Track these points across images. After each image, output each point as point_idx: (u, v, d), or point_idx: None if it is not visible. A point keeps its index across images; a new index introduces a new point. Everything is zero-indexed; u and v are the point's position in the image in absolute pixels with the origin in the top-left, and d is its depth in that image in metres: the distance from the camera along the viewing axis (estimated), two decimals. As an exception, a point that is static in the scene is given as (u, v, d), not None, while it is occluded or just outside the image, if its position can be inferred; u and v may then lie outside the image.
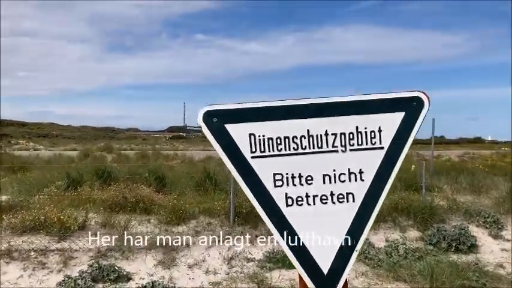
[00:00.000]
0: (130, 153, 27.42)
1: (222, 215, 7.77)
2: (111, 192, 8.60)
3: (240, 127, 1.43)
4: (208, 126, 1.44)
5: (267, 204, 1.48)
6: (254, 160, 1.43)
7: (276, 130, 1.42)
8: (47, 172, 14.48)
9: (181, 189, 10.75)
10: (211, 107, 1.44)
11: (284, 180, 1.43)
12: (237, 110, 1.44)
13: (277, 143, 1.42)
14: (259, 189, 1.46)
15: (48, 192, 9.11)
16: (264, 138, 1.42)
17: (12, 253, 5.94)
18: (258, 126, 1.42)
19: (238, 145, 1.43)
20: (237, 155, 1.43)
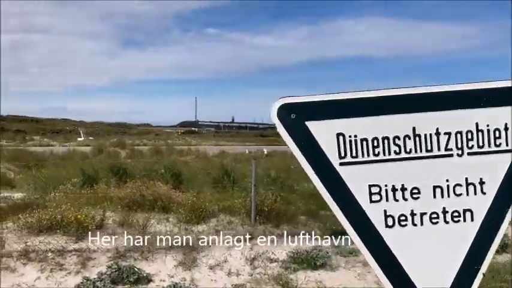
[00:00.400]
0: (144, 149, 27.31)
1: (243, 213, 7.50)
2: (127, 189, 8.38)
3: (325, 125, 1.11)
4: (284, 123, 1.13)
5: (360, 224, 1.16)
6: (343, 168, 1.12)
7: (371, 129, 1.11)
8: (62, 168, 14.38)
9: (198, 186, 10.51)
10: (287, 100, 1.13)
11: (382, 194, 1.12)
12: (322, 103, 1.12)
13: (374, 146, 1.11)
14: (350, 205, 1.14)
15: (64, 190, 8.93)
16: (356, 140, 1.11)
17: (29, 254, 5.74)
18: (349, 123, 1.11)
19: (322, 148, 1.12)
20: (321, 160, 1.12)
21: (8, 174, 14.86)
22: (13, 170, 15.68)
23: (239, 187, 10.43)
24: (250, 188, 10.12)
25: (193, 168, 15.43)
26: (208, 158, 22.34)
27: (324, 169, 1.13)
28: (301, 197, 9.30)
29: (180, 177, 10.67)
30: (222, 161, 20.34)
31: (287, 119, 1.12)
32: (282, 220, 7.43)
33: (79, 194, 8.49)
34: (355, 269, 6.40)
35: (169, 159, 20.57)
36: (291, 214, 7.65)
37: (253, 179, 7.34)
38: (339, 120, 1.11)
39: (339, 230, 7.46)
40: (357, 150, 1.11)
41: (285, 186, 10.40)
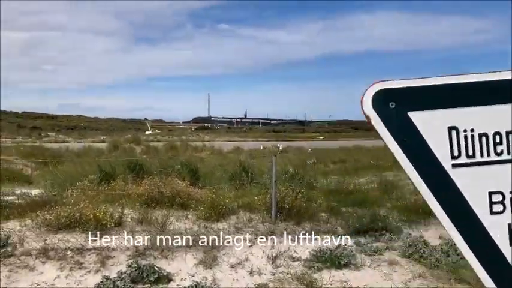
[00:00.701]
0: (158, 145, 27.30)
1: (263, 210, 7.32)
2: (145, 186, 8.26)
3: (433, 116, 0.88)
4: (380, 114, 0.91)
5: (477, 240, 0.92)
6: (456, 170, 0.89)
7: (493, 121, 0.87)
8: (78, 165, 14.37)
9: (215, 182, 10.37)
10: (384, 85, 0.89)
11: (507, 204, 0.88)
12: (430, 88, 0.88)
13: (496, 142, 0.87)
14: (464, 216, 0.91)
15: (81, 187, 8.85)
16: (473, 135, 0.88)
17: (48, 252, 5.64)
18: (464, 114, 0.88)
19: (429, 145, 0.90)
20: (428, 160, 0.90)
21: (24, 171, 14.94)
22: (30, 166, 15.76)
23: (257, 183, 10.26)
24: (268, 185, 9.95)
25: (209, 164, 15.30)
26: (223, 154, 22.24)
27: (432, 172, 0.90)
28: (321, 193, 9.10)
29: (197, 174, 10.54)
30: (238, 157, 20.22)
31: (384, 109, 0.91)
32: (303, 217, 7.24)
33: (96, 191, 8.39)
34: (381, 268, 6.18)
35: (184, 155, 20.52)
36: (312, 211, 7.45)
37: (273, 176, 7.15)
38: (452, 110, 0.89)
39: (362, 228, 7.26)
40: (474, 148, 0.89)
41: (303, 182, 10.20)
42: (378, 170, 13.56)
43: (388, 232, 7.26)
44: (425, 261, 6.36)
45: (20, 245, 5.72)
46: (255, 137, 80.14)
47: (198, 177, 10.44)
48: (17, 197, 9.75)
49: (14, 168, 14.34)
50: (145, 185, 8.61)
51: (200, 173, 10.75)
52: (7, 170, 13.36)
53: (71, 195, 8.99)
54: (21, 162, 15.32)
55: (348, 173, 13.25)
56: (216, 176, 11.28)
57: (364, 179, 11.97)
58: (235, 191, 9.58)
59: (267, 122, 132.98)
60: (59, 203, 7.62)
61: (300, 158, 18.11)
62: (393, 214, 8.07)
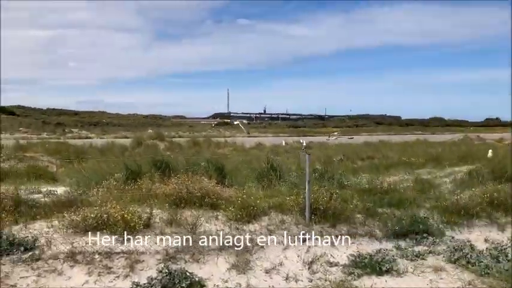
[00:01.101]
0: (181, 141, 27.22)
1: (296, 211, 6.96)
2: (172, 185, 8.00)
3: None
4: None
5: None
6: None
7: None
8: (103, 162, 14.28)
9: (242, 180, 10.05)
10: None
11: None
12: None
13: None
14: None
15: (107, 186, 8.66)
16: None
17: (76, 256, 5.43)
18: None
19: None
20: None
21: (50, 168, 14.93)
22: (55, 163, 15.77)
23: (285, 182, 9.91)
24: (297, 183, 9.59)
25: (234, 161, 15.01)
26: (246, 150, 21.96)
27: None
28: (355, 193, 8.69)
29: (223, 172, 10.24)
30: (262, 154, 19.88)
31: None
32: (339, 219, 6.86)
33: (123, 190, 8.18)
34: (425, 274, 5.77)
35: (207, 152, 20.33)
36: (347, 213, 7.05)
37: (307, 175, 6.78)
38: None
39: (401, 231, 6.83)
40: None
41: (333, 180, 9.80)
42: (410, 167, 13.02)
43: (429, 235, 6.83)
44: (474, 267, 5.92)
45: (47, 248, 5.52)
46: (275, 132, 79.84)
47: (224, 175, 10.14)
48: (43, 195, 9.65)
49: (39, 165, 14.35)
50: (172, 183, 8.37)
51: (226, 170, 10.43)
52: (33, 167, 13.35)
53: (97, 194, 8.84)
54: (47, 159, 15.34)
55: (378, 170, 12.75)
56: (243, 174, 10.96)
57: (397, 177, 11.47)
58: (264, 190, 9.24)
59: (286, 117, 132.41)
60: (85, 203, 7.44)
61: (325, 154, 17.66)
62: (433, 215, 7.61)
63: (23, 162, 14.65)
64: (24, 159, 14.78)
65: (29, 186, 10.87)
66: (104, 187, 8.78)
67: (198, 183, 7.95)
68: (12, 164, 14.28)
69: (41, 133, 49.81)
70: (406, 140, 33.78)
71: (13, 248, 5.26)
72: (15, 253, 5.26)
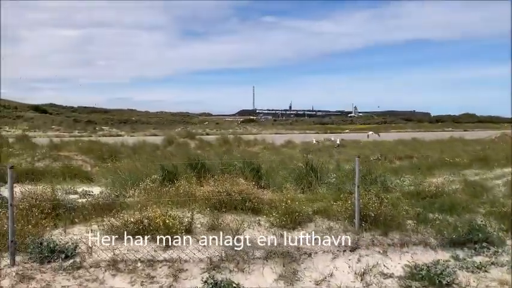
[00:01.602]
0: (210, 138, 27.07)
1: (345, 218, 6.55)
2: (210, 187, 7.73)
3: None
4: None
5: None
6: None
7: None
8: (137, 161, 14.20)
9: (279, 182, 9.70)
10: None
11: None
12: None
13: None
14: None
15: (144, 187, 8.47)
16: None
17: (118, 264, 5.20)
18: None
19: None
20: None
21: (84, 167, 14.97)
22: (89, 162, 15.82)
23: (325, 184, 9.51)
24: (339, 185, 9.18)
25: (267, 160, 14.64)
26: (276, 148, 21.57)
27: None
28: (402, 196, 8.21)
29: (259, 172, 9.91)
30: (295, 152, 19.48)
31: None
32: (390, 226, 6.41)
33: (160, 192, 7.96)
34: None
35: (238, 150, 20.06)
36: (398, 219, 6.60)
37: (356, 179, 6.36)
38: None
39: (458, 239, 6.33)
40: None
41: (376, 182, 9.32)
42: (455, 167, 12.36)
43: (489, 244, 6.31)
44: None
45: (88, 255, 5.31)
46: (302, 129, 79.10)
47: (260, 176, 9.81)
48: (79, 195, 9.58)
49: (74, 164, 14.39)
50: (210, 185, 8.12)
51: (262, 171, 10.09)
52: (68, 167, 13.38)
53: (134, 195, 8.67)
54: (81, 158, 15.39)
55: (420, 171, 12.15)
56: (278, 175, 10.60)
57: (442, 179, 10.87)
58: (303, 192, 8.87)
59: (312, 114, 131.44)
60: (124, 206, 7.26)
61: (362, 153, 17.08)
62: (490, 222, 7.05)
63: (58, 162, 14.73)
64: (58, 158, 14.86)
65: (65, 186, 10.86)
66: (140, 189, 8.61)
67: (237, 185, 7.65)
68: (47, 163, 14.36)
69: (72, 131, 50.82)
70: (441, 138, 32.65)
71: (54, 256, 5.08)
72: (56, 261, 5.07)
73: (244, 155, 17.52)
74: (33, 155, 14.84)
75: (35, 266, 5.03)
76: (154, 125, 69.90)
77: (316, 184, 9.12)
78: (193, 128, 58.80)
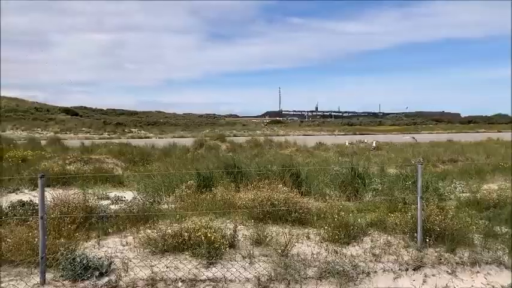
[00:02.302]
0: (239, 140, 26.58)
1: (405, 232, 5.85)
2: (250, 193, 7.17)
3: None
4: None
5: None
6: None
7: None
8: (169, 164, 13.82)
9: (320, 188, 9.06)
10: None
11: None
12: None
13: None
14: None
15: (179, 194, 8.01)
16: None
17: (157, 283, 4.68)
18: None
19: None
20: None
21: (115, 170, 14.69)
22: (120, 165, 15.54)
23: (372, 191, 8.81)
24: (385, 193, 8.47)
25: (302, 164, 13.99)
26: (310, 151, 20.85)
27: None
28: (459, 205, 7.44)
29: (299, 178, 9.29)
30: (330, 155, 18.71)
31: None
32: (459, 243, 5.68)
33: (197, 200, 7.46)
34: None
35: (270, 153, 19.46)
36: (464, 233, 5.85)
37: (419, 189, 5.65)
38: None
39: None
40: None
41: (428, 190, 8.54)
42: (506, 172, 11.39)
43: None
44: None
45: (124, 273, 4.82)
46: (330, 130, 77.85)
47: (300, 182, 9.19)
48: (111, 201, 9.20)
49: (105, 167, 14.11)
50: (250, 192, 7.58)
51: (302, 176, 9.46)
52: (99, 170, 13.10)
53: (168, 202, 8.21)
54: (112, 161, 15.12)
55: (469, 176, 11.25)
56: (318, 180, 9.94)
57: (496, 185, 9.98)
58: (349, 200, 8.20)
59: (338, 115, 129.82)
60: (159, 214, 6.79)
61: (401, 157, 16.21)
62: None
63: (89, 165, 14.49)
64: (89, 161, 14.62)
65: (97, 191, 10.54)
66: (176, 195, 8.15)
67: (279, 192, 7.06)
68: (78, 166, 14.13)
69: (102, 133, 51.41)
70: (478, 139, 31.17)
71: (87, 273, 4.61)
72: (90, 279, 4.59)
73: (276, 157, 16.94)
74: (65, 158, 14.65)
75: (67, 284, 4.57)
76: (182, 127, 70.14)
77: (363, 191, 8.43)
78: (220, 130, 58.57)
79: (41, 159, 15.19)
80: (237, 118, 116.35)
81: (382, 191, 8.44)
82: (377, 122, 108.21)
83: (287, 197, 6.62)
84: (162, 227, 5.80)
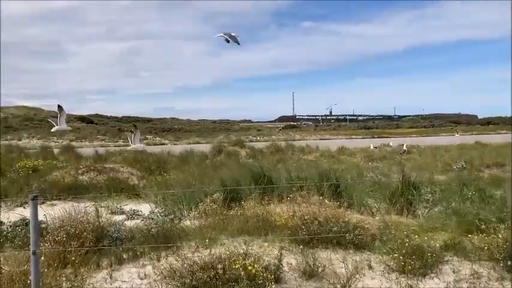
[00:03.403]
0: (258, 145, 25.45)
1: (497, 259, 4.63)
2: (290, 209, 6.03)
3: None
4: None
5: None
6: None
7: None
8: (187, 173, 12.77)
9: (365, 200, 7.86)
10: None
11: None
12: None
13: None
14: None
15: (204, 209, 6.91)
16: None
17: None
18: None
19: None
20: None
21: (130, 180, 13.67)
22: (135, 174, 14.53)
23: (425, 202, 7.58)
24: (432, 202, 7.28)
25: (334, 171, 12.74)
26: (335, 156, 19.61)
27: None
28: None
29: (338, 188, 8.10)
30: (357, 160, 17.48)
31: None
32: None
33: (225, 216, 6.35)
34: None
35: (293, 159, 18.30)
36: None
37: (510, 205, 4.45)
38: None
39: None
40: None
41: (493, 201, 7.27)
42: None
43: None
44: None
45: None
46: (347, 134, 76.27)
47: (340, 193, 8.01)
48: (126, 216, 8.19)
49: (120, 177, 13.10)
50: (285, 205, 6.46)
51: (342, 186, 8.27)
52: (113, 180, 12.09)
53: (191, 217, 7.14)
54: (127, 170, 14.11)
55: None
56: (357, 189, 8.71)
57: None
58: (401, 215, 6.99)
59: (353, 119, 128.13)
60: (182, 235, 5.70)
61: (440, 161, 14.89)
62: None
63: (103, 174, 13.49)
64: (103, 170, 13.61)
65: (111, 203, 9.56)
66: (200, 210, 7.05)
67: (325, 207, 5.91)
68: (92, 176, 13.15)
69: (117, 140, 50.83)
70: (509, 140, 29.47)
71: (96, 323, 3.51)
72: (100, 331, 3.50)
73: (300, 164, 15.79)
74: (77, 168, 13.68)
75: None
76: (196, 133, 69.39)
77: (417, 204, 7.21)
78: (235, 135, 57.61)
79: (52, 169, 14.26)
80: (251, 123, 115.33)
81: (436, 203, 7.21)
82: (394, 125, 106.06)
83: (336, 213, 5.45)
84: (187, 253, 4.70)
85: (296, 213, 5.74)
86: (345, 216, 5.42)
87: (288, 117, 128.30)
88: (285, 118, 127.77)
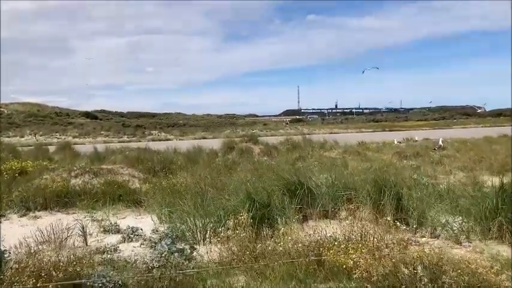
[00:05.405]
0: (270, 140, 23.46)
1: None
2: (364, 247, 4.12)
3: None
4: None
5: None
6: None
7: None
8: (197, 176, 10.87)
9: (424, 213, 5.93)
10: None
11: None
12: None
13: None
14: None
15: (227, 235, 5.00)
16: None
17: None
18: None
19: None
20: None
21: (131, 183, 11.73)
22: (137, 176, 12.62)
23: None
24: None
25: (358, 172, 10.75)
26: (360, 152, 17.61)
27: None
28: None
29: (400, 200, 6.15)
30: (389, 158, 15.52)
31: None
32: None
33: (256, 250, 4.44)
34: None
35: (313, 156, 16.36)
36: None
37: None
38: None
39: None
40: None
41: None
42: None
43: None
44: None
45: None
46: (357, 127, 74.09)
47: (401, 208, 6.09)
48: (122, 236, 6.38)
49: (119, 180, 11.17)
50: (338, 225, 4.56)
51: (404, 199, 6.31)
52: (110, 185, 10.16)
53: (208, 246, 5.27)
54: (127, 171, 12.20)
55: None
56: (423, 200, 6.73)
57: None
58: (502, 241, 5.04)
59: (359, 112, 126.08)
60: (198, 280, 3.81)
61: (491, 159, 12.89)
62: None
63: (99, 177, 11.53)
64: (100, 172, 11.68)
65: (104, 216, 7.78)
66: (220, 237, 5.13)
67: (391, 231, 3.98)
68: (86, 179, 11.22)
69: (121, 136, 49.15)
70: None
71: None
72: None
73: (323, 162, 13.82)
74: (70, 170, 11.76)
75: None
76: (202, 128, 67.57)
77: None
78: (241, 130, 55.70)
79: (42, 171, 12.34)
80: (256, 118, 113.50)
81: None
82: (403, 118, 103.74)
83: (441, 254, 3.49)
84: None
85: (381, 248, 3.77)
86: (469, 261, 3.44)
87: (293, 111, 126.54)
88: (291, 112, 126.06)
